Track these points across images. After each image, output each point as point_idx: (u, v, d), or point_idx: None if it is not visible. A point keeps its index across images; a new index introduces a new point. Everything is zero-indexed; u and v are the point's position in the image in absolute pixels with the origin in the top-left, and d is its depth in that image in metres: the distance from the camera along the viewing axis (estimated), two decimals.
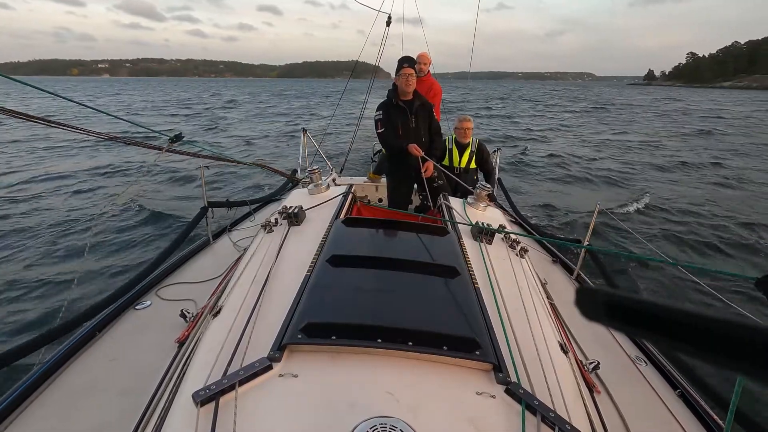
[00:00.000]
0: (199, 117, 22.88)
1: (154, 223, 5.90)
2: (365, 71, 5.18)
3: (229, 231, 3.26)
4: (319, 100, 39.39)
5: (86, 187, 7.85)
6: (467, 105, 32.33)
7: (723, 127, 20.41)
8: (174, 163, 9.31)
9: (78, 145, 12.26)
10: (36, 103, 28.48)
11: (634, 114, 28.16)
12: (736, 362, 0.24)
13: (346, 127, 14.37)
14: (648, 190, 8.32)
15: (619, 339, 2.10)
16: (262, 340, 1.11)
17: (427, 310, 1.28)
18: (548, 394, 1.03)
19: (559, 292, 2.35)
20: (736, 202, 7.84)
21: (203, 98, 40.12)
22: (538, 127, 19.33)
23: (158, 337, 1.88)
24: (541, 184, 9.12)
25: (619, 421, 1.54)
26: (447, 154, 3.83)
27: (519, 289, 1.53)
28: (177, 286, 2.40)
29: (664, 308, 0.28)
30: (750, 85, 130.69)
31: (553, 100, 44.98)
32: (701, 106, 37.57)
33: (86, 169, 9.35)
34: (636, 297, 0.29)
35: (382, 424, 0.87)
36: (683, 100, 46.92)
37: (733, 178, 9.75)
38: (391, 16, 4.71)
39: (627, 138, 16.46)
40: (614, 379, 1.76)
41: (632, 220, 6.73)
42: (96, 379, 1.64)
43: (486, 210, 2.35)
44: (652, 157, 12.33)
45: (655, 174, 10.25)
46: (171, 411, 0.98)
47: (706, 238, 5.91)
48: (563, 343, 1.36)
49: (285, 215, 1.93)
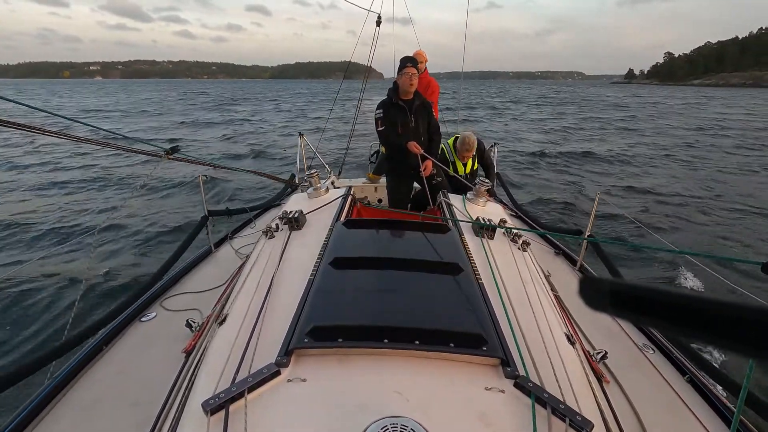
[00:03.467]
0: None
1: (155, 234, 5.90)
2: (357, 72, 5.18)
3: (230, 239, 3.26)
4: (325, 97, 39.81)
5: (84, 201, 7.86)
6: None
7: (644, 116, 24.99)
8: (171, 175, 9.33)
9: (74, 155, 12.33)
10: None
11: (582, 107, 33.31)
12: (744, 345, 0.24)
13: (343, 129, 14.47)
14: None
15: (625, 328, 2.10)
16: (269, 346, 1.11)
17: (432, 308, 1.28)
18: (557, 385, 1.03)
19: (563, 283, 2.35)
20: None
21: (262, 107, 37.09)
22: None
23: (165, 348, 1.87)
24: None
25: (629, 410, 1.54)
26: (450, 165, 3.68)
27: (523, 282, 1.53)
28: (181, 296, 2.40)
29: (667, 295, 0.28)
30: (717, 82, 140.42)
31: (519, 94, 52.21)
32: (647, 100, 45.19)
33: (82, 181, 9.38)
34: (640, 285, 0.29)
35: (393, 424, 0.87)
36: (641, 96, 54.57)
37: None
38: (380, 16, 4.72)
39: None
40: (622, 367, 1.76)
41: (631, 208, 6.77)
42: (105, 392, 1.64)
43: (486, 205, 2.35)
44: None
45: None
46: (181, 421, 0.98)
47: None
48: (570, 335, 1.36)
49: (285, 220, 1.93)
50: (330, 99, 17.61)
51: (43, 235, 5.96)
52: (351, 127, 5.08)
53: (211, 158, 12.06)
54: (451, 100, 23.45)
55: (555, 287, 2.15)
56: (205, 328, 1.75)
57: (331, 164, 5.01)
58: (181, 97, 48.80)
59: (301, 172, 4.49)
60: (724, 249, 5.30)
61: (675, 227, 6.21)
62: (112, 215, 6.13)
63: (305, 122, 16.71)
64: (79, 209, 7.34)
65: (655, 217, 6.66)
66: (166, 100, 44.00)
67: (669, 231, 5.91)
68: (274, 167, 10.82)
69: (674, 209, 7.14)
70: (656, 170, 10.67)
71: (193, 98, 45.42)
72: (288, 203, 2.42)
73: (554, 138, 16.30)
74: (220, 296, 2.11)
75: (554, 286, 2.14)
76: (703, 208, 7.34)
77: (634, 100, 44.39)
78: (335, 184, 3.80)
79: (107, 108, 32.53)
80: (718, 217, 6.85)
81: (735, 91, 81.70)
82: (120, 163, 11.27)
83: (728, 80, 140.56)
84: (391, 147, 3.24)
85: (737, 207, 7.43)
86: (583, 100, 45.01)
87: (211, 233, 3.08)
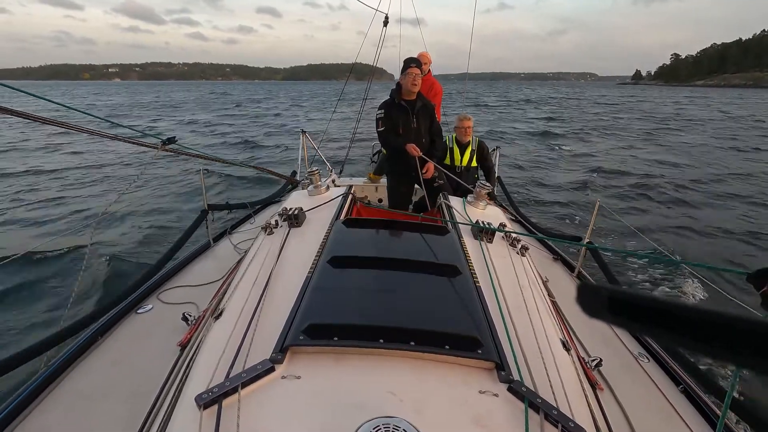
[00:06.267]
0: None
1: (155, 227, 5.90)
2: (367, 73, 5.20)
3: (229, 233, 3.26)
4: (340, 97, 42.18)
5: (83, 191, 7.86)
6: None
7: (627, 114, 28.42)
8: (172, 168, 9.33)
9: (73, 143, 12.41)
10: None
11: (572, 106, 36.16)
12: (734, 354, 0.24)
13: (346, 128, 14.57)
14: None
15: (621, 336, 2.10)
16: (265, 342, 1.11)
17: (428, 310, 1.28)
18: (551, 391, 1.03)
19: (560, 289, 2.35)
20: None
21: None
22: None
23: (160, 341, 1.87)
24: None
25: (622, 418, 1.54)
26: (448, 153, 3.83)
27: (520, 287, 1.53)
28: (178, 289, 2.40)
29: (664, 304, 0.28)
30: (719, 83, 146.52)
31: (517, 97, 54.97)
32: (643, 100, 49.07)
33: (80, 171, 9.38)
34: (637, 293, 0.29)
35: (385, 425, 0.87)
36: (636, 96, 59.03)
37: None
38: (388, 16, 4.71)
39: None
40: (617, 375, 1.76)
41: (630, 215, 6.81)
42: (99, 383, 1.64)
43: (486, 208, 2.35)
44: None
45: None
46: (174, 414, 0.98)
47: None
48: (565, 341, 1.36)
49: (285, 217, 1.93)
50: (344, 99, 18.19)
51: (39, 225, 5.95)
52: (354, 126, 5.09)
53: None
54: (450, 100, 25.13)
55: (552, 293, 2.15)
56: (201, 321, 1.75)
57: (332, 162, 5.01)
58: (215, 97, 53.71)
59: (303, 169, 4.49)
60: (724, 250, 5.44)
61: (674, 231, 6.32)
62: (110, 207, 6.12)
63: (329, 118, 18.36)
64: (77, 199, 7.34)
65: (655, 219, 6.78)
66: (202, 98, 49.32)
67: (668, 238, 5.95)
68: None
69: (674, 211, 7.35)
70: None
71: (221, 97, 50.04)
72: (288, 200, 2.42)
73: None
74: (217, 291, 2.11)
75: (551, 292, 2.14)
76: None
77: (623, 99, 48.06)
78: (336, 183, 3.80)
79: (162, 103, 38.25)
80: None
81: (731, 92, 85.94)
82: (121, 153, 11.29)
83: (729, 81, 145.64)
84: (390, 148, 3.23)
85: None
86: (566, 99, 47.62)
87: (210, 227, 3.08)
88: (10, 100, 24.49)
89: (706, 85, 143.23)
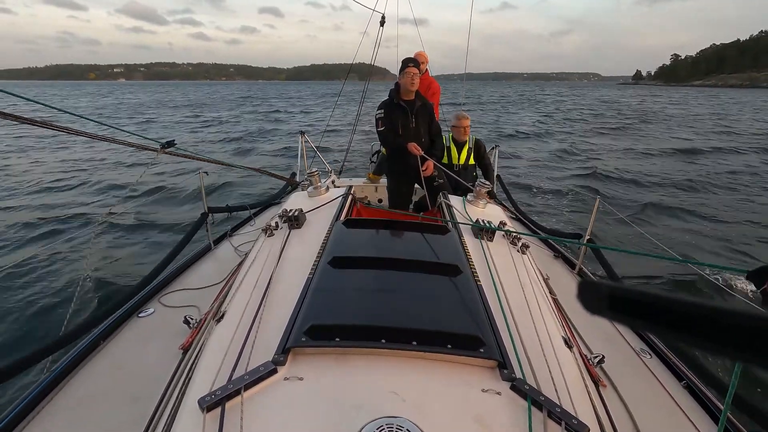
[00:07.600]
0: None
1: (155, 230, 5.89)
2: (374, 73, 5.23)
3: (229, 236, 3.26)
4: (345, 96, 45.06)
5: (83, 197, 7.86)
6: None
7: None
8: (171, 171, 9.33)
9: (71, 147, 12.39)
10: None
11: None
12: (736, 349, 0.24)
13: (345, 128, 14.61)
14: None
15: (623, 332, 2.10)
16: (267, 344, 1.11)
17: (430, 309, 1.28)
18: (554, 389, 1.03)
19: (561, 287, 2.35)
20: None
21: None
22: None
23: (162, 344, 1.87)
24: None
25: (625, 414, 1.54)
26: (445, 151, 3.83)
27: (521, 285, 1.53)
28: (179, 292, 2.40)
29: (666, 300, 0.28)
30: (716, 83, 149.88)
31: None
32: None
33: (80, 174, 9.38)
34: (638, 289, 0.29)
35: (388, 424, 0.87)
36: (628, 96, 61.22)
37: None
38: (384, 16, 4.72)
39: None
40: (619, 372, 1.76)
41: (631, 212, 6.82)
42: (102, 387, 1.64)
43: (486, 207, 2.34)
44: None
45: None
46: (177, 417, 0.98)
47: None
48: (567, 338, 1.36)
49: (285, 218, 1.93)
50: (349, 99, 18.49)
51: (40, 229, 5.95)
52: (353, 126, 5.09)
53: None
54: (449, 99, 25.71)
55: (553, 291, 2.15)
56: (203, 325, 1.75)
57: (331, 163, 5.01)
58: (240, 98, 53.43)
59: (302, 170, 4.49)
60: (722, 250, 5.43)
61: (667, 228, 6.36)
62: (111, 210, 6.12)
63: (341, 116, 19.24)
64: (77, 204, 7.34)
65: (653, 220, 6.79)
66: (224, 98, 50.44)
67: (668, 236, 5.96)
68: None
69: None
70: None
71: (247, 101, 49.78)
72: (288, 202, 2.42)
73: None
74: (218, 293, 2.11)
75: (553, 290, 2.14)
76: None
77: (615, 98, 50.53)
78: (335, 184, 3.80)
79: (188, 102, 40.05)
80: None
81: (727, 91, 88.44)
82: (122, 157, 11.29)
83: (726, 81, 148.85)
84: (391, 147, 3.24)
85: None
86: (562, 101, 48.52)
87: (210, 230, 3.08)
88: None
89: (704, 86, 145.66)
